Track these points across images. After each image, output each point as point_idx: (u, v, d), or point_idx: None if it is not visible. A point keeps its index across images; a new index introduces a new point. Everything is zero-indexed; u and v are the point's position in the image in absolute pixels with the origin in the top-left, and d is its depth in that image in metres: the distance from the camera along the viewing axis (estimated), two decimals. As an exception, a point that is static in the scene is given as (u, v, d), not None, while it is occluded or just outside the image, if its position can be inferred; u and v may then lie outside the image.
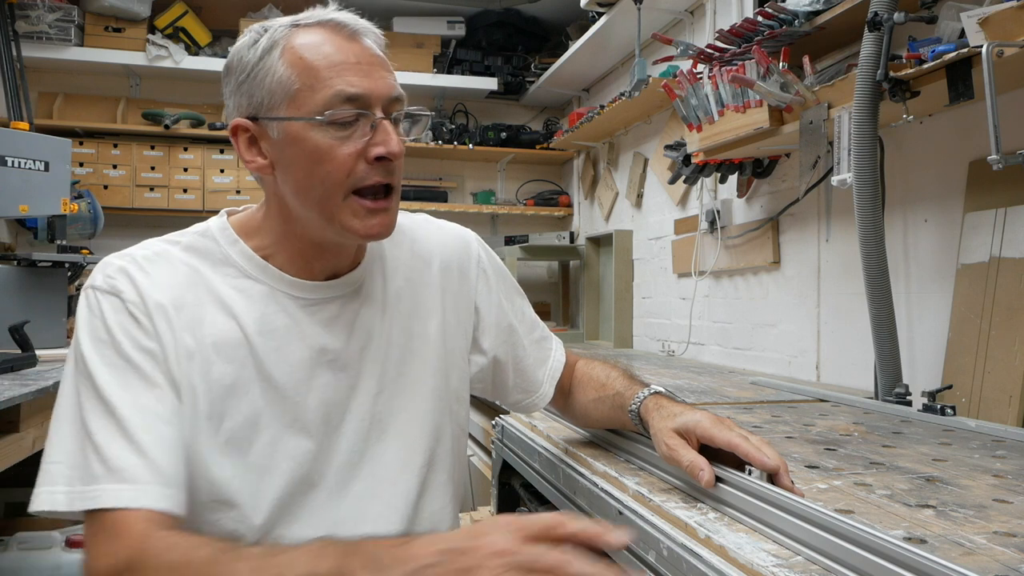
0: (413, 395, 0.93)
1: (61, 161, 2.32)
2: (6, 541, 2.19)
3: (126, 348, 0.78)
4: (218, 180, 3.84)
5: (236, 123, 0.85)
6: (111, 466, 0.72)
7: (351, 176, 0.81)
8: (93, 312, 0.80)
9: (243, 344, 0.83)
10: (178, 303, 0.82)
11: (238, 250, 0.87)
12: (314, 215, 0.83)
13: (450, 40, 4.10)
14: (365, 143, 0.81)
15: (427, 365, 0.95)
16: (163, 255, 0.85)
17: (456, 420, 0.99)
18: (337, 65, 0.80)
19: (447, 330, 0.98)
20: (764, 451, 0.78)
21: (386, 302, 0.93)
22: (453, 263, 1.01)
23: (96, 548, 0.70)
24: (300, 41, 0.82)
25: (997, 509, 0.77)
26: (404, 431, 0.92)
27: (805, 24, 1.80)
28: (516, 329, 1.06)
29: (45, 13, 3.44)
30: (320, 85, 0.80)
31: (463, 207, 4.18)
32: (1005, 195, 1.50)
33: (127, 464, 0.72)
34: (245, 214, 0.92)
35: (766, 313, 2.35)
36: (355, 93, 0.80)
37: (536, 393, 1.08)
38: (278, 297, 0.86)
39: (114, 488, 0.71)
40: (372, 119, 0.81)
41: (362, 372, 0.90)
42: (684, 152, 2.32)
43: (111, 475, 0.72)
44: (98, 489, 0.71)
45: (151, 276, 0.82)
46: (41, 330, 2.11)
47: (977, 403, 1.48)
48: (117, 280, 0.81)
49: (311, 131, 0.80)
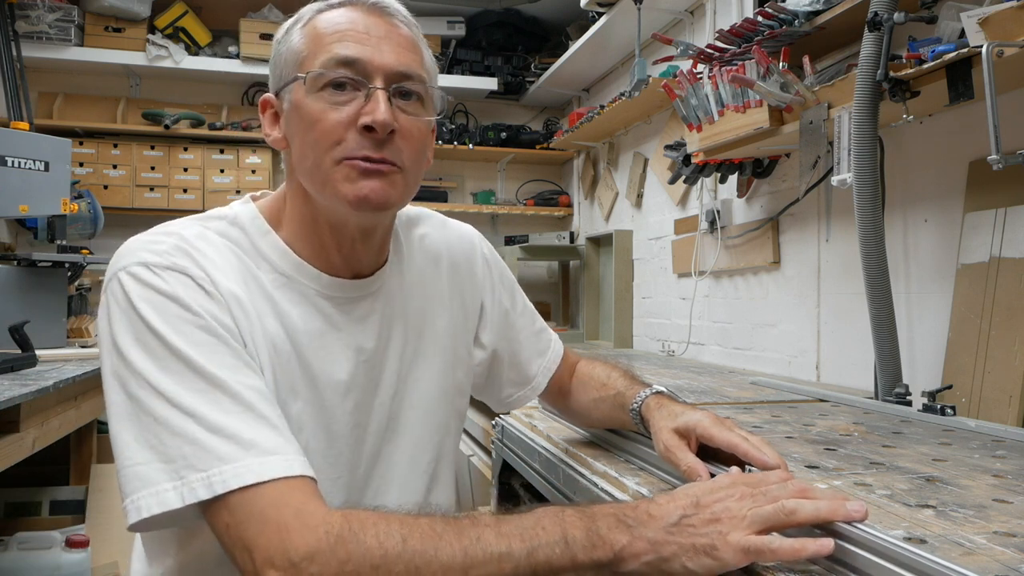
0: (424, 392, 0.93)
1: (61, 161, 2.32)
2: (6, 541, 2.19)
3: (211, 323, 0.71)
4: (218, 180, 3.84)
5: (264, 99, 0.85)
6: (242, 440, 0.65)
7: (341, 145, 0.77)
8: (153, 288, 0.71)
9: (289, 345, 0.80)
10: (237, 294, 0.76)
11: (270, 243, 0.83)
12: (310, 185, 0.80)
13: (450, 40, 4.10)
14: (356, 111, 0.77)
15: (437, 361, 0.95)
16: (204, 236, 0.79)
17: (458, 415, 1.00)
18: (342, 31, 0.79)
19: (455, 324, 0.98)
20: (764, 451, 0.78)
21: (403, 297, 0.93)
22: (461, 261, 1.01)
23: (268, 529, 0.61)
24: (322, 15, 0.82)
25: (997, 509, 0.77)
26: (414, 428, 0.91)
27: (805, 24, 1.80)
28: (515, 323, 1.07)
29: (45, 13, 3.44)
30: (321, 50, 0.79)
31: (463, 207, 4.18)
32: (1005, 195, 1.50)
33: (259, 436, 0.66)
34: (270, 200, 0.88)
35: (766, 313, 2.35)
36: (350, 56, 0.78)
37: (528, 386, 1.08)
38: (311, 296, 0.83)
39: (258, 461, 0.64)
40: (367, 88, 0.78)
41: (384, 369, 0.89)
42: (684, 152, 2.32)
43: (247, 449, 0.64)
44: (234, 468, 0.63)
45: (208, 255, 0.76)
46: (41, 330, 2.11)
47: (977, 403, 1.48)
48: (176, 257, 0.74)
49: (307, 97, 0.78)
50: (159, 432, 0.66)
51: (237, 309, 0.75)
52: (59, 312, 2.36)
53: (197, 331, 0.70)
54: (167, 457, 0.65)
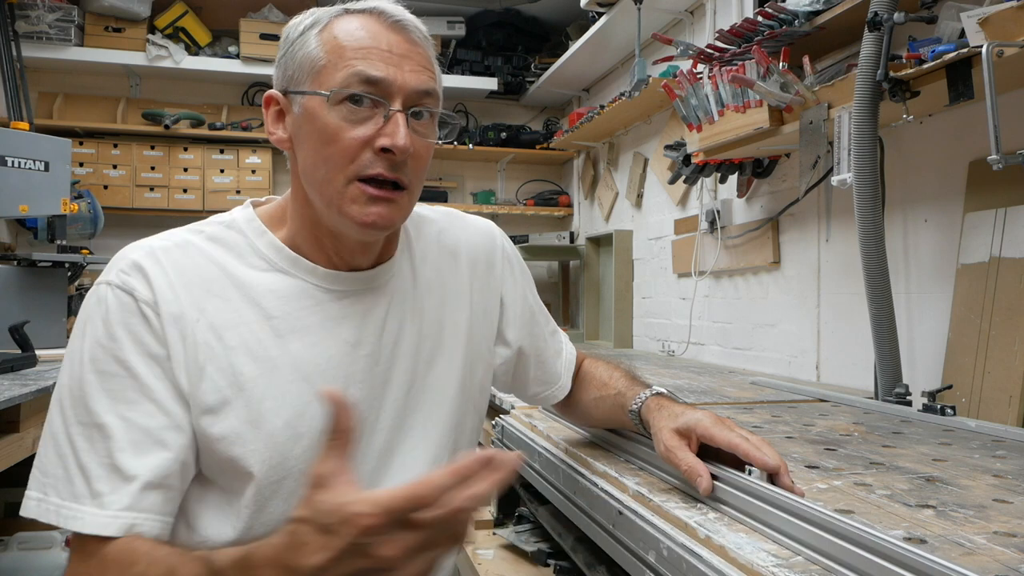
0: (441, 389, 0.92)
1: (61, 161, 2.32)
2: (6, 541, 2.19)
3: (126, 352, 0.75)
4: (218, 180, 3.84)
5: (268, 95, 0.84)
6: (92, 488, 0.71)
7: (355, 162, 0.77)
8: (99, 310, 0.76)
9: (277, 344, 0.80)
10: (200, 304, 0.78)
11: (266, 241, 0.84)
12: (317, 198, 0.80)
13: (450, 40, 4.10)
14: (375, 131, 0.77)
15: (455, 358, 0.94)
16: (184, 246, 0.81)
17: (478, 413, 0.99)
18: (365, 48, 0.78)
19: (474, 322, 0.97)
20: (764, 451, 0.78)
21: (416, 294, 0.92)
22: (480, 255, 1.00)
23: (72, 568, 0.72)
24: (340, 23, 0.81)
25: (997, 509, 0.77)
26: (430, 425, 0.90)
27: (805, 24, 1.80)
28: (538, 320, 1.06)
29: (45, 13, 3.44)
30: (343, 64, 0.78)
31: (463, 207, 4.16)
32: (1005, 195, 1.50)
33: (107, 488, 0.71)
34: (272, 204, 0.89)
35: (766, 313, 2.35)
36: (374, 76, 0.77)
37: (556, 384, 1.08)
38: (310, 291, 0.83)
39: (91, 512, 0.71)
40: (387, 109, 0.78)
41: (394, 366, 0.88)
42: (684, 152, 2.33)
43: (93, 498, 0.71)
44: (78, 510, 0.71)
45: (169, 274, 0.78)
46: (41, 330, 2.11)
47: (977, 403, 1.48)
48: (131, 277, 0.77)
49: (326, 110, 0.78)
50: (49, 444, 0.74)
51: (174, 330, 0.77)
52: (59, 312, 2.36)
53: (109, 359, 0.75)
54: (45, 470, 0.73)
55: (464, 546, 0.56)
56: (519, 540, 1.36)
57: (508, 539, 1.39)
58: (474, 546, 1.39)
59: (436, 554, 0.59)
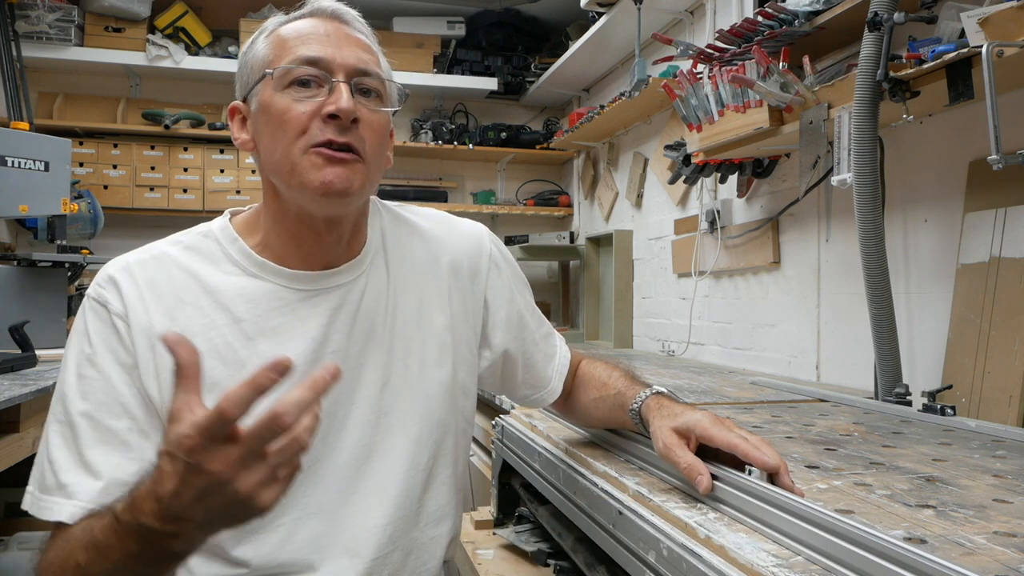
0: (420, 388, 0.93)
1: (61, 161, 2.33)
2: (6, 541, 2.19)
3: (100, 358, 0.81)
4: (218, 180, 3.84)
5: (231, 106, 0.91)
6: (60, 480, 0.76)
7: (307, 133, 0.82)
8: (81, 320, 0.84)
9: (245, 345, 0.84)
10: (171, 314, 0.83)
11: (238, 248, 0.88)
12: (279, 180, 0.85)
13: (450, 40, 4.10)
14: (321, 104, 0.82)
15: (434, 358, 0.95)
16: (160, 258, 0.87)
17: (462, 415, 0.99)
18: (305, 36, 0.85)
19: (455, 324, 0.98)
20: (764, 451, 0.78)
21: (390, 293, 0.93)
22: (463, 260, 1.01)
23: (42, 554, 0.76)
24: (285, 26, 0.88)
25: (997, 509, 0.77)
26: (410, 425, 0.92)
27: (805, 24, 1.80)
28: (528, 323, 1.07)
29: (45, 13, 3.44)
30: (286, 52, 0.84)
31: (463, 207, 4.18)
32: (1005, 195, 1.50)
33: (72, 480, 0.76)
34: (248, 211, 0.94)
35: (766, 313, 2.35)
36: (313, 56, 0.83)
37: (544, 389, 1.08)
38: (279, 292, 0.87)
39: (59, 502, 0.76)
40: (330, 82, 0.83)
41: (365, 363, 0.90)
42: (684, 152, 2.33)
43: (60, 488, 0.76)
44: (50, 501, 0.76)
45: (140, 287, 0.84)
46: (41, 330, 2.11)
47: (977, 403, 1.48)
48: (106, 290, 0.84)
49: (275, 95, 0.83)
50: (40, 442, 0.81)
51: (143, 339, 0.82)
52: (59, 312, 2.36)
53: (86, 365, 0.81)
54: (39, 463, 0.79)
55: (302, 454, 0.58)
56: (519, 540, 1.36)
57: (508, 539, 1.39)
58: (474, 546, 1.39)
59: (278, 470, 0.60)
